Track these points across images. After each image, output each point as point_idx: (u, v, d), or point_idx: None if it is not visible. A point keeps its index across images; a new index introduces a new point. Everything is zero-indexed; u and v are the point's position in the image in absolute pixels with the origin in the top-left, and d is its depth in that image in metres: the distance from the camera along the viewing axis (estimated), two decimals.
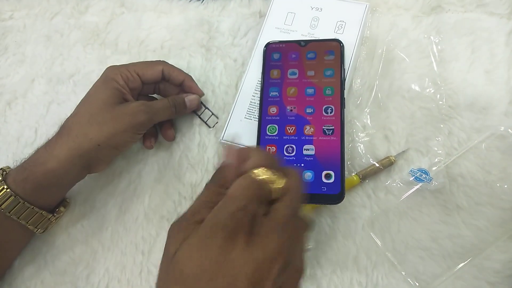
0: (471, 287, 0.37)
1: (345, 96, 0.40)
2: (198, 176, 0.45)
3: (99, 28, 0.55)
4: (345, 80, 0.39)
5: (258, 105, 0.41)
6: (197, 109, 0.46)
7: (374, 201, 0.42)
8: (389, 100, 0.44)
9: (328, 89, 0.39)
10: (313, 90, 0.40)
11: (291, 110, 0.40)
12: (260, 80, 0.42)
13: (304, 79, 0.40)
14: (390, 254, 0.39)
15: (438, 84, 0.44)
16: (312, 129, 0.39)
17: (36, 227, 0.42)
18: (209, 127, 0.45)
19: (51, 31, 0.56)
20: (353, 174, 0.42)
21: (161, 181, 0.46)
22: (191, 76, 0.46)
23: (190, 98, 0.45)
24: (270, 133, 0.39)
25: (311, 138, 0.38)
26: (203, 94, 0.46)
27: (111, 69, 0.42)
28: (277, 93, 0.40)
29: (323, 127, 0.38)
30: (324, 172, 0.37)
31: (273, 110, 0.40)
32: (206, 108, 0.46)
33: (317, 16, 0.44)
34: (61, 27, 0.56)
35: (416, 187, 0.41)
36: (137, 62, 0.44)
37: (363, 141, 0.44)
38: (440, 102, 0.43)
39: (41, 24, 0.57)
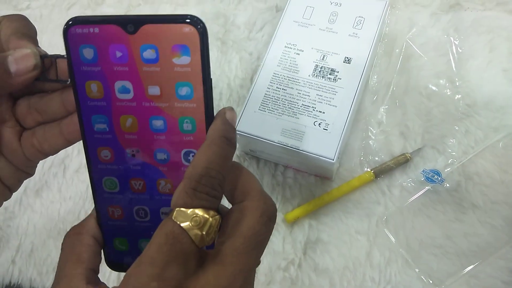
0: (485, 286, 0.37)
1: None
2: None
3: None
4: (212, 103, 0.23)
5: (270, 97, 0.41)
6: (39, 73, 0.25)
7: (389, 198, 0.41)
8: (406, 97, 0.44)
9: (187, 121, 0.24)
10: (162, 122, 0.24)
11: (133, 155, 0.25)
12: (276, 72, 0.42)
13: (144, 102, 0.24)
14: (404, 251, 0.39)
15: (456, 82, 0.44)
16: (169, 185, 0.25)
17: None
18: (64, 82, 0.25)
19: None
20: (367, 170, 0.42)
21: None
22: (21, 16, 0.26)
23: (17, 56, 0.24)
24: (108, 189, 0.26)
25: (169, 197, 0.23)
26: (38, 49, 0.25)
27: None
28: (105, 126, 0.24)
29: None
30: None
31: (105, 154, 0.25)
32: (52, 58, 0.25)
33: (336, 11, 0.43)
34: None
35: (426, 188, 0.41)
36: None
37: (378, 138, 0.44)
38: (457, 100, 0.43)
39: (58, 14, 0.57)
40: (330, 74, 0.41)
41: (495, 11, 0.46)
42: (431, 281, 0.38)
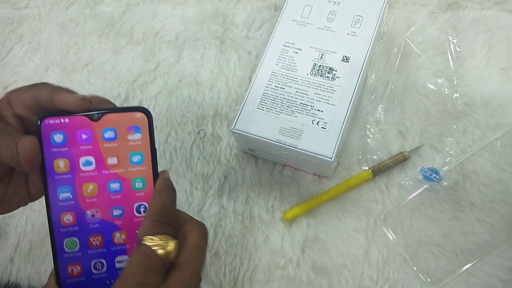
0: (483, 284, 0.37)
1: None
2: (210, 168, 0.46)
3: (114, 18, 0.55)
4: (157, 166, 0.30)
5: (269, 96, 0.41)
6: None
7: (387, 196, 0.41)
8: (404, 96, 0.44)
9: (138, 181, 0.30)
10: (118, 184, 0.30)
11: (93, 215, 0.30)
12: (274, 71, 0.42)
13: (104, 170, 0.30)
14: (402, 249, 0.39)
15: (454, 81, 0.44)
16: (123, 235, 0.30)
17: None
18: None
19: (66, 20, 0.57)
20: (365, 168, 0.42)
21: (173, 171, 0.46)
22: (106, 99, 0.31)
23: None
24: (69, 249, 0.29)
25: (123, 247, 0.30)
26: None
27: None
28: (69, 194, 0.29)
29: (137, 231, 0.30)
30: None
31: (68, 218, 0.29)
32: None
33: (335, 10, 0.44)
34: (76, 16, 0.57)
35: (424, 186, 0.41)
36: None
37: (377, 137, 0.44)
38: (456, 99, 0.43)
39: (56, 13, 0.57)
40: (328, 72, 0.41)
41: (493, 10, 0.46)
42: (429, 279, 0.38)
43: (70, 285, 0.29)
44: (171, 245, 0.27)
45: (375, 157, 0.43)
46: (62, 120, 0.29)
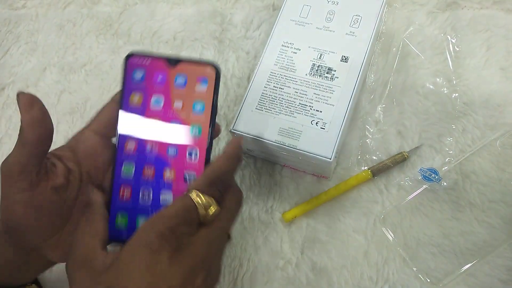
0: (483, 285, 0.37)
1: (211, 139, 0.33)
2: None
3: (112, 18, 0.55)
4: (215, 118, 0.33)
5: (267, 96, 0.40)
6: None
7: (386, 197, 0.41)
8: (403, 96, 0.44)
9: (195, 128, 0.32)
10: (179, 126, 0.33)
11: (151, 149, 0.33)
12: (273, 71, 0.42)
13: (169, 112, 0.33)
14: (402, 250, 0.39)
15: (453, 81, 0.44)
16: (172, 174, 0.32)
17: None
18: None
19: (64, 21, 0.56)
20: (365, 169, 0.42)
21: None
22: None
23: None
24: (125, 172, 0.33)
25: (170, 184, 0.32)
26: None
27: None
28: (139, 127, 0.33)
29: (185, 173, 0.32)
30: None
31: (130, 146, 0.33)
32: None
33: (333, 10, 0.43)
34: (73, 16, 0.56)
35: (424, 187, 0.41)
36: None
37: (376, 137, 0.43)
38: (455, 99, 0.43)
39: (53, 13, 0.57)
40: (327, 73, 0.41)
41: (492, 9, 0.46)
42: (428, 280, 0.38)
43: (118, 204, 0.33)
44: (212, 209, 0.29)
45: (374, 157, 0.43)
46: (145, 60, 0.33)
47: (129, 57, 0.33)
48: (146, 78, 0.33)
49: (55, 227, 0.31)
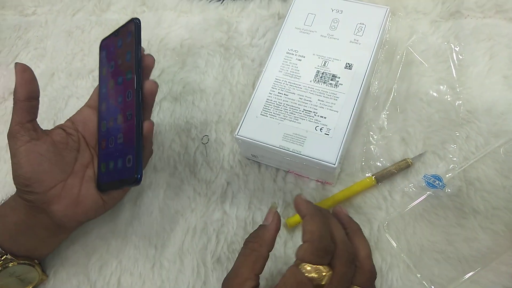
0: None
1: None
2: (213, 174, 0.46)
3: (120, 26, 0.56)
4: (140, 59, 0.38)
5: (272, 102, 0.41)
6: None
7: (390, 203, 0.41)
8: (407, 103, 0.45)
9: (128, 74, 0.38)
10: (121, 78, 0.39)
11: (112, 103, 0.40)
12: (278, 78, 0.42)
13: (117, 69, 0.40)
14: (406, 256, 0.39)
15: (456, 88, 0.44)
16: (121, 117, 0.38)
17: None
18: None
19: (73, 27, 0.57)
20: (368, 175, 0.42)
21: (176, 177, 0.46)
22: None
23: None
24: (103, 128, 0.40)
25: (120, 126, 0.38)
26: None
27: None
28: (105, 90, 0.41)
29: (126, 113, 0.38)
30: (128, 157, 0.37)
31: (103, 106, 0.41)
32: None
33: (337, 18, 0.44)
34: (82, 23, 0.57)
35: (428, 193, 0.41)
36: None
37: (380, 144, 0.44)
38: (458, 106, 0.43)
39: (63, 20, 0.58)
40: (331, 79, 0.41)
41: (494, 18, 0.47)
42: (433, 287, 0.38)
43: (100, 155, 0.40)
44: (325, 278, 0.29)
45: (378, 164, 0.43)
46: (105, 41, 0.43)
47: (101, 42, 0.43)
48: (107, 53, 0.42)
49: (57, 176, 0.37)
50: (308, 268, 0.29)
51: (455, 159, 0.42)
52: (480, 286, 0.37)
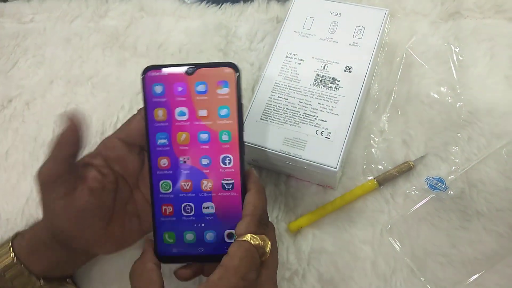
0: None
1: (244, 142, 0.33)
2: None
3: (118, 32, 0.56)
4: (242, 120, 0.32)
5: (272, 106, 0.41)
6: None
7: (393, 206, 0.41)
8: (407, 105, 0.44)
9: (225, 134, 0.32)
10: (207, 135, 0.33)
11: (185, 162, 0.33)
12: (277, 82, 0.42)
13: (195, 121, 0.33)
14: (409, 260, 0.39)
15: (457, 90, 0.44)
16: (210, 184, 0.33)
17: None
18: None
19: (71, 34, 0.57)
20: (370, 178, 0.42)
21: None
22: None
23: None
24: (164, 190, 0.33)
25: (210, 194, 0.33)
26: None
27: None
28: (166, 140, 0.33)
29: (222, 181, 0.32)
30: (226, 232, 0.33)
31: (164, 162, 0.33)
32: None
33: (336, 21, 0.44)
34: (80, 30, 0.57)
35: (430, 196, 0.40)
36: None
37: (381, 147, 0.43)
38: (459, 107, 0.43)
39: (61, 27, 0.58)
40: (331, 83, 0.41)
41: (494, 19, 0.46)
42: None
43: (162, 222, 0.33)
44: (267, 246, 0.30)
45: (380, 167, 0.43)
46: (162, 73, 0.33)
47: (146, 71, 0.33)
48: (166, 91, 0.33)
49: (98, 225, 0.33)
50: (251, 238, 0.30)
51: (457, 161, 0.41)
52: None
